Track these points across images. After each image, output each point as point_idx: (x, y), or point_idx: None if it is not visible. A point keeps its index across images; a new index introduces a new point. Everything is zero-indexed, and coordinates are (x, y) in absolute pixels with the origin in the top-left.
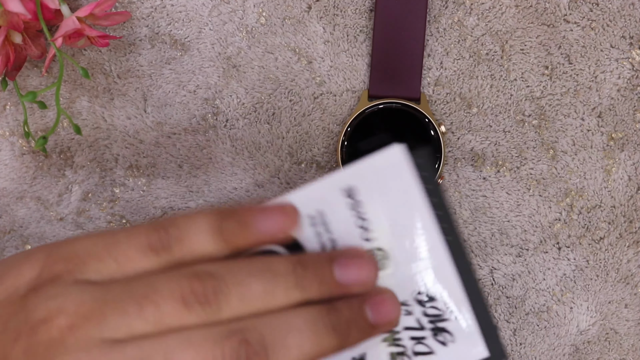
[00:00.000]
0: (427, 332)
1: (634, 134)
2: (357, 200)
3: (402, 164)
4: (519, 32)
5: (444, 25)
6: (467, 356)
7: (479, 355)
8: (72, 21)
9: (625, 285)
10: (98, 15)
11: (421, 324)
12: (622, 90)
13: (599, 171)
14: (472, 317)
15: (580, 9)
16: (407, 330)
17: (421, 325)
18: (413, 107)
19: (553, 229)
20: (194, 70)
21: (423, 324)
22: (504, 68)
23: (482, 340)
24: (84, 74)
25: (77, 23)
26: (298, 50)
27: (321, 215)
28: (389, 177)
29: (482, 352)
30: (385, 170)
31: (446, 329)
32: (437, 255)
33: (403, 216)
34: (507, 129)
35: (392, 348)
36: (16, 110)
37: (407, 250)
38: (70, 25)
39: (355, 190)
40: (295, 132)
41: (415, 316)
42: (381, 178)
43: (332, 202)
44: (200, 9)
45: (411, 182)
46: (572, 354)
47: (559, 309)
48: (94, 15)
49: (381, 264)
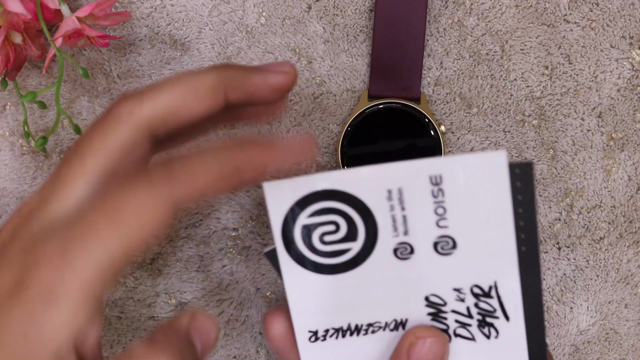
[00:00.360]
0: (474, 321)
1: (634, 134)
2: (441, 188)
3: (500, 168)
4: (519, 32)
5: (444, 25)
6: (506, 357)
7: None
8: (72, 21)
9: (625, 285)
10: (98, 15)
11: (470, 312)
12: (622, 90)
13: (599, 171)
14: (523, 324)
15: (580, 9)
16: (455, 313)
17: (470, 313)
18: (413, 107)
19: (553, 229)
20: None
21: (472, 313)
22: (504, 68)
23: (527, 347)
24: (84, 74)
25: (77, 23)
26: (298, 50)
27: (400, 192)
28: (482, 177)
29: (523, 358)
30: (480, 169)
31: (494, 325)
32: (506, 260)
33: (483, 215)
34: (507, 129)
35: (435, 323)
36: (16, 110)
37: (477, 246)
38: (70, 25)
39: (443, 179)
40: (295, 132)
41: (466, 304)
42: (474, 176)
43: (414, 184)
44: (200, 9)
45: (503, 187)
46: (572, 354)
47: (559, 309)
48: (93, 15)
49: (446, 250)
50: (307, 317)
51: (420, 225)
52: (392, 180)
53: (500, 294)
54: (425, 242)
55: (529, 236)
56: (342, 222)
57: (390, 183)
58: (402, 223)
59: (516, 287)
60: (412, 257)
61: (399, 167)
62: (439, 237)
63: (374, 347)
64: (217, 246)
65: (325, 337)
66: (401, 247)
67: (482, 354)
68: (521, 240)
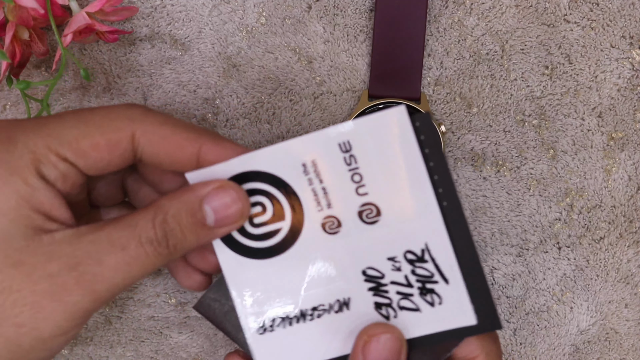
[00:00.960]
0: (415, 290)
1: (634, 134)
2: (352, 154)
3: (402, 124)
4: (519, 32)
5: (444, 25)
6: (454, 321)
7: (467, 322)
8: (83, 17)
9: (625, 285)
10: (107, 10)
11: (409, 281)
12: (622, 90)
13: (599, 171)
14: (462, 283)
15: (580, 8)
16: (394, 284)
17: (409, 282)
18: (413, 107)
19: (553, 229)
20: (194, 70)
21: (411, 282)
22: (504, 68)
23: (472, 307)
24: (85, 76)
25: (87, 18)
26: (298, 50)
27: (314, 164)
28: (387, 136)
29: (471, 319)
30: (384, 129)
31: (435, 291)
32: (430, 218)
33: (398, 176)
34: (507, 129)
35: (377, 298)
36: (16, 110)
37: (399, 209)
38: (80, 20)
39: (352, 145)
40: (295, 132)
41: (404, 273)
42: (379, 136)
43: (326, 154)
44: (200, 9)
45: (409, 143)
46: (572, 353)
47: (559, 309)
48: (102, 10)
49: (372, 219)
50: (253, 307)
51: (341, 195)
52: (304, 153)
53: (434, 255)
54: (349, 213)
55: (447, 190)
56: (267, 202)
57: (303, 156)
58: (323, 196)
59: (447, 244)
60: (341, 230)
61: (308, 139)
62: (361, 205)
63: (323, 332)
64: None
65: (273, 327)
66: (328, 222)
67: (430, 325)
68: (440, 195)
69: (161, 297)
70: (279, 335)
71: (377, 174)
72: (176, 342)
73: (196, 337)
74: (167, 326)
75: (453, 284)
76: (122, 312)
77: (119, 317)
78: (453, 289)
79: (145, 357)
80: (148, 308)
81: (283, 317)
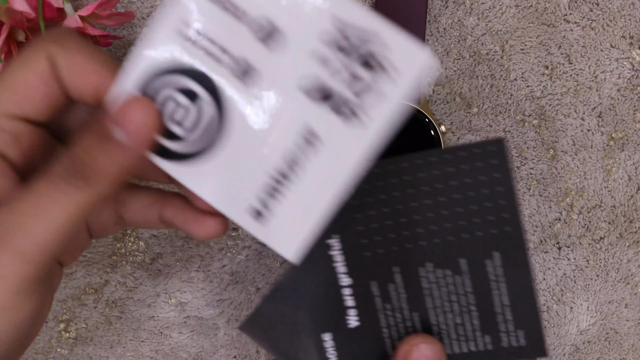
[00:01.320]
0: (355, 62)
1: (634, 134)
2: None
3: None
4: (519, 31)
5: (444, 25)
6: (413, 66)
7: (423, 59)
8: (75, 20)
9: (625, 285)
10: (101, 14)
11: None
12: (622, 90)
13: (599, 171)
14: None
15: (580, 8)
16: (337, 74)
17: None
18: (413, 107)
19: (553, 229)
20: None
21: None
22: (504, 68)
23: (520, 329)
24: None
25: (79, 22)
26: None
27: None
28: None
29: (426, 56)
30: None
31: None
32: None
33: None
34: (508, 129)
35: (330, 107)
36: None
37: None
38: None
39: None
40: None
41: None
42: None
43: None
44: None
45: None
46: (572, 353)
47: (559, 309)
48: (96, 14)
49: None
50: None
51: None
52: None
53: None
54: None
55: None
56: (176, 94)
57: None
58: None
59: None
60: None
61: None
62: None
63: (315, 180)
64: (217, 246)
65: (268, 207)
66: (237, 68)
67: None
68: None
69: (161, 297)
70: (279, 209)
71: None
72: (176, 342)
73: (196, 337)
74: (167, 326)
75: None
76: (122, 312)
77: (119, 317)
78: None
79: (145, 357)
80: (148, 308)
81: (271, 191)
